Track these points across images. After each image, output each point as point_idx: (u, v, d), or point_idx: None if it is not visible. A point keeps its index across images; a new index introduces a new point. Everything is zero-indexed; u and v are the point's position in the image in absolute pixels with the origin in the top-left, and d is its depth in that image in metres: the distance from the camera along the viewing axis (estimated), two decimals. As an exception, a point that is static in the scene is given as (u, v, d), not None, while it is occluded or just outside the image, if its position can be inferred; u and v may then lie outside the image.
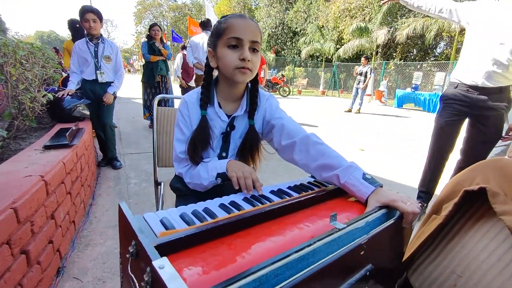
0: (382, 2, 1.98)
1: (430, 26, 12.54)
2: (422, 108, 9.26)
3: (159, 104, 1.31)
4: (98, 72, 2.42)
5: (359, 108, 7.88)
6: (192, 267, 0.37)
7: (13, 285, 0.94)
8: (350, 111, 8.00)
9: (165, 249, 0.39)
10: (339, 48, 16.16)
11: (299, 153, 0.79)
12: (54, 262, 1.27)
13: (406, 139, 4.71)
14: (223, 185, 0.81)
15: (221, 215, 0.54)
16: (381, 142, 4.43)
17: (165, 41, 4.01)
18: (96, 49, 2.41)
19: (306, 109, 8.44)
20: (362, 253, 0.46)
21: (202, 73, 3.85)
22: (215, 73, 0.88)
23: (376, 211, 0.57)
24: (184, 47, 5.46)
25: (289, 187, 0.74)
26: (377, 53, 15.83)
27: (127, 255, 0.41)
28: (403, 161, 3.41)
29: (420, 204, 0.62)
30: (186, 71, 4.83)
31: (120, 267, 0.50)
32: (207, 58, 0.89)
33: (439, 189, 2.08)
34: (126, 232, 0.45)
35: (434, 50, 17.96)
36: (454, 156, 1.95)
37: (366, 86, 7.66)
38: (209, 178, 0.78)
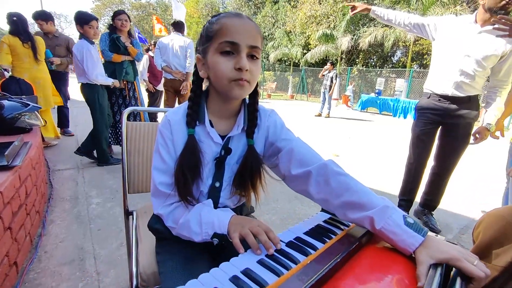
0: (352, 13, 2.01)
1: (388, 35, 13.42)
2: (393, 114, 9.72)
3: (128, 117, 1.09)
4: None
5: (328, 113, 8.09)
6: None
7: None
8: (320, 115, 8.17)
9: None
10: (306, 53, 16.62)
11: (316, 186, 0.64)
12: (-13, 323, 0.98)
13: (377, 144, 4.87)
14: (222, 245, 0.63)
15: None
16: (353, 147, 4.52)
17: (134, 37, 3.03)
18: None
19: (278, 113, 8.43)
20: None
21: (172, 77, 3.66)
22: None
23: (434, 275, 0.44)
24: (148, 49, 5.07)
25: (306, 233, 0.59)
26: (341, 59, 16.57)
27: None
28: (378, 167, 3.47)
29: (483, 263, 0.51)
30: (153, 74, 4.49)
31: None
32: (195, 66, 0.71)
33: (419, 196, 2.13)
34: None
35: (392, 58, 19.35)
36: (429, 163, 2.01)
37: (333, 91, 7.89)
38: (202, 235, 0.60)
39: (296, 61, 17.48)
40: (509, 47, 1.56)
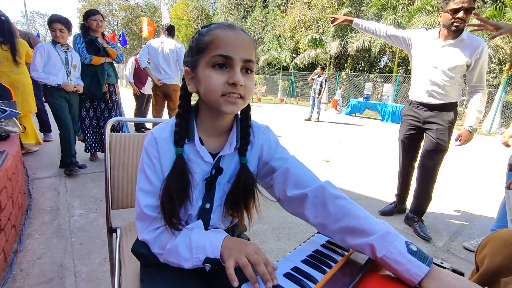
0: (333, 24, 2.12)
1: (376, 41, 13.73)
2: (381, 118, 9.88)
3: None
4: (68, 78, 2.57)
5: (318, 117, 8.15)
6: None
7: None
8: (309, 119, 8.22)
9: None
10: (295, 57, 16.77)
11: (313, 209, 0.61)
12: None
13: (367, 149, 4.92)
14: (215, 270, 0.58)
15: None
16: (343, 151, 4.54)
17: (108, 39, 2.95)
18: (66, 56, 2.57)
19: (268, 117, 8.44)
20: None
21: (164, 82, 3.58)
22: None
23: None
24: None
25: (304, 261, 0.55)
26: (330, 63, 16.81)
27: None
28: (368, 171, 3.49)
29: None
30: (138, 77, 4.38)
31: None
32: (183, 79, 0.66)
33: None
34: None
35: (379, 63, 19.81)
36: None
37: (322, 96, 7.96)
38: (193, 260, 0.55)
39: (286, 65, 17.61)
40: (472, 57, 1.71)
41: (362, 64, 19.56)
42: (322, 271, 0.52)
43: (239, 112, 0.67)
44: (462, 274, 0.52)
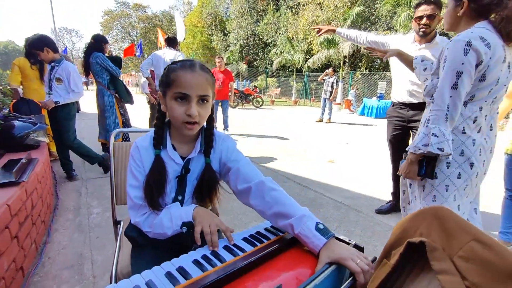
0: (318, 34, 2.24)
1: (392, 38, 13.45)
2: None
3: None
4: (47, 92, 2.65)
5: (329, 118, 8.16)
6: None
7: None
8: (321, 121, 8.25)
9: None
10: (308, 58, 16.77)
11: (255, 199, 0.78)
12: (-4, 320, 1.14)
13: (374, 149, 4.94)
14: (182, 233, 0.77)
15: (166, 289, 0.51)
16: (350, 152, 4.60)
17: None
18: (51, 72, 2.60)
19: (279, 120, 8.58)
20: None
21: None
22: None
23: (325, 270, 0.57)
24: None
25: (244, 239, 0.72)
26: (344, 63, 16.64)
27: None
28: (371, 172, 3.55)
29: (374, 258, 0.63)
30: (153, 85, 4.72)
31: None
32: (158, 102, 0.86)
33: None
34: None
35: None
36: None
37: (335, 97, 7.97)
38: (173, 227, 0.74)
39: (299, 66, 17.66)
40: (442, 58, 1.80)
41: (378, 62, 19.15)
42: (252, 245, 0.69)
43: (204, 123, 0.87)
44: (362, 248, 0.67)
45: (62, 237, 1.86)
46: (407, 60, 1.70)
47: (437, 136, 1.11)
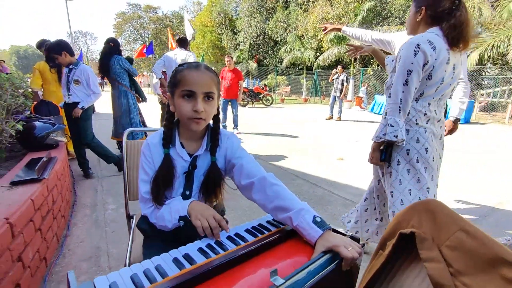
0: (324, 32, 2.24)
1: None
2: None
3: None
4: (66, 94, 2.77)
5: (339, 116, 8.09)
6: None
7: None
8: (331, 118, 8.19)
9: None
10: (319, 56, 16.60)
11: (257, 193, 0.82)
12: (23, 305, 1.24)
13: (384, 146, 4.87)
14: (187, 226, 0.82)
15: (172, 273, 0.56)
16: (360, 150, 4.56)
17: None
18: (69, 74, 2.74)
19: (288, 118, 8.57)
20: None
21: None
22: None
23: (320, 257, 0.61)
24: None
25: (246, 230, 0.77)
26: (355, 59, 16.37)
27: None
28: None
29: (362, 245, 0.67)
30: (165, 87, 4.85)
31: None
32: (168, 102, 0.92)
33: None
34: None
35: (409, 55, 18.79)
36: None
37: (345, 95, 7.89)
38: (172, 220, 0.79)
39: (309, 64, 17.51)
40: None
41: (391, 58, 18.72)
42: (254, 236, 0.73)
43: (211, 122, 0.92)
44: (357, 240, 0.70)
45: (80, 231, 1.97)
46: (380, 58, 1.80)
47: (393, 126, 1.29)
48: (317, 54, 17.29)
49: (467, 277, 0.46)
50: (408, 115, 1.35)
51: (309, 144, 4.95)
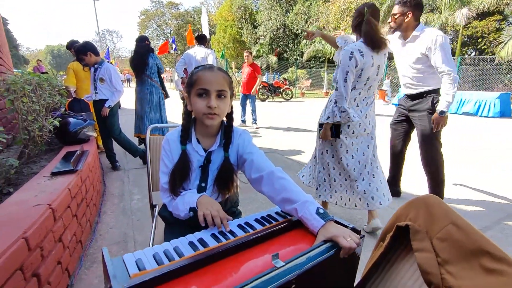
0: (309, 39, 2.32)
1: (433, 22, 12.42)
2: None
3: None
4: (94, 92, 2.98)
5: None
6: (152, 306, 0.48)
7: (26, 306, 1.07)
8: None
9: (134, 290, 0.50)
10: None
11: (265, 186, 0.89)
12: (63, 281, 1.41)
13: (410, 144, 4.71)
14: (196, 216, 0.89)
15: (188, 253, 0.65)
16: (380, 145, 4.45)
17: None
18: (95, 73, 2.95)
19: (307, 112, 8.49)
20: (293, 286, 0.56)
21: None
22: None
23: (320, 246, 0.67)
24: None
25: (256, 220, 0.84)
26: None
27: (105, 296, 0.52)
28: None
29: (362, 236, 0.71)
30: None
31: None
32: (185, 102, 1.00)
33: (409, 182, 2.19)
34: (106, 274, 0.57)
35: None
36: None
37: None
38: (184, 211, 0.88)
39: (331, 57, 17.08)
40: (427, 48, 1.94)
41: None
42: (262, 225, 0.80)
43: (225, 120, 1.00)
44: (358, 232, 0.74)
45: (110, 219, 2.16)
46: (330, 40, 2.18)
47: (344, 111, 1.76)
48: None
49: (452, 265, 0.49)
50: None
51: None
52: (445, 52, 1.89)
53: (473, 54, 16.11)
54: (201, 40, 4.06)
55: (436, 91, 2.07)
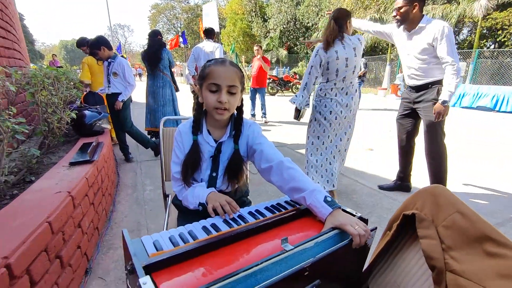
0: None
1: (449, 14, 11.98)
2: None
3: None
4: (107, 85, 3.05)
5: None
6: (169, 281, 0.52)
7: (50, 285, 1.14)
8: None
9: (152, 267, 0.55)
10: (353, 41, 15.77)
11: (275, 176, 0.92)
12: (83, 264, 1.49)
13: (418, 138, 4.63)
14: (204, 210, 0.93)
15: (201, 237, 0.69)
16: (392, 141, 4.40)
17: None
18: (108, 67, 3.01)
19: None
20: (306, 273, 0.58)
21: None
22: None
23: (328, 232, 0.69)
24: None
25: (266, 208, 0.87)
26: (393, 44, 15.33)
27: (126, 272, 0.57)
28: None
29: (374, 229, 0.73)
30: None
31: (126, 279, 0.66)
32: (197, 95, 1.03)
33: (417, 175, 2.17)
34: (126, 253, 0.61)
35: (457, 36, 17.12)
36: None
37: (362, 80, 7.52)
38: (194, 203, 0.92)
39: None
40: (433, 38, 1.96)
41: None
42: (272, 212, 0.83)
43: (235, 112, 1.02)
44: (366, 220, 0.76)
45: (124, 208, 2.24)
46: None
47: (302, 97, 2.20)
48: (351, 39, 16.44)
49: (456, 251, 0.51)
50: (320, 91, 2.17)
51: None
52: (450, 43, 1.92)
53: (492, 46, 15.47)
54: (209, 34, 4.06)
55: (441, 82, 2.07)
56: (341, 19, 2.03)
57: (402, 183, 2.55)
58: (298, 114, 2.29)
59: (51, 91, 2.02)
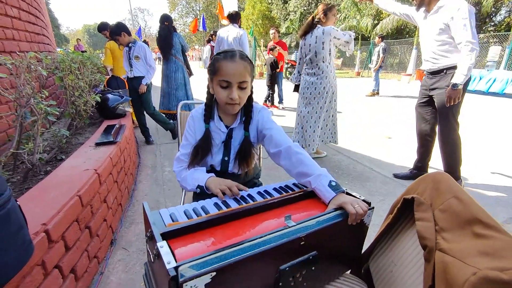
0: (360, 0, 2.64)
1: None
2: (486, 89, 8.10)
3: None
4: (129, 69, 3.17)
5: (376, 91, 7.46)
6: (183, 247, 0.59)
7: (81, 251, 1.28)
8: (375, 94, 7.62)
9: (168, 235, 0.62)
10: (377, 24, 14.98)
11: (284, 160, 0.96)
12: (108, 235, 1.64)
13: (441, 125, 4.46)
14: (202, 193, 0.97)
15: (213, 212, 0.75)
16: (412, 129, 4.26)
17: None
18: (129, 52, 3.13)
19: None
20: (302, 243, 0.64)
21: None
22: None
23: (330, 212, 0.73)
24: (209, 40, 5.62)
25: (274, 188, 0.92)
26: (421, 26, 14.37)
27: (146, 238, 0.65)
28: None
29: (371, 208, 0.76)
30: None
31: (146, 244, 0.74)
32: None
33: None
34: (146, 222, 0.69)
35: (493, 18, 15.74)
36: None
37: (380, 66, 7.23)
38: (192, 186, 0.98)
39: (366, 34, 15.95)
40: (449, 18, 1.90)
41: (468, 22, 15.89)
42: (279, 193, 0.88)
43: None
44: (369, 203, 0.80)
45: (144, 187, 2.39)
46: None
47: (295, 74, 2.96)
48: (375, 21, 15.61)
49: (447, 232, 0.54)
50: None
51: (355, 121, 4.79)
52: (467, 21, 1.83)
53: (534, 28, 14.11)
54: (234, 18, 3.92)
55: (454, 68, 2.01)
56: (328, 11, 2.57)
57: (419, 172, 2.51)
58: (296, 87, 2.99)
59: (77, 75, 2.14)
